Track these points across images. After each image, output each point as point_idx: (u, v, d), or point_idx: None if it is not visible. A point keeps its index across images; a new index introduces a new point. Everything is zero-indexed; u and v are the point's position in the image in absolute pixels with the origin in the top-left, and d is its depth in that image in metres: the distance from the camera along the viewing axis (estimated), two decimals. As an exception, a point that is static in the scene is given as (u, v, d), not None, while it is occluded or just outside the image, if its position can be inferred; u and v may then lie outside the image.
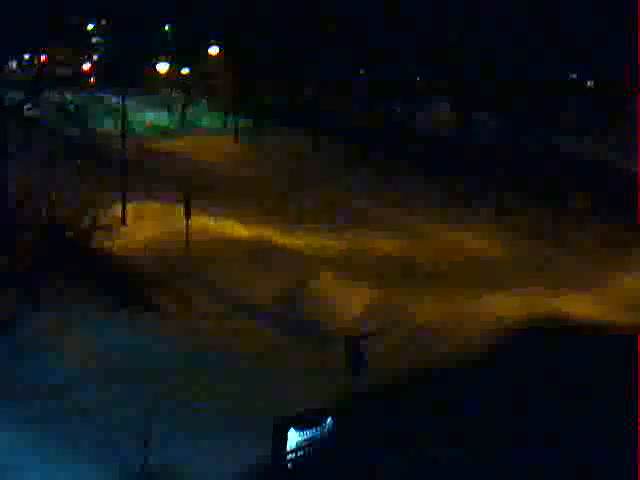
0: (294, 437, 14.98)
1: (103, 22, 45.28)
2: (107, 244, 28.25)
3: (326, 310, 24.89)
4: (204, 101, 68.51)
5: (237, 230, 33.57)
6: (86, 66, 38.60)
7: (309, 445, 14.06)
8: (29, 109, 31.24)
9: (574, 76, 41.29)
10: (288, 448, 14.23)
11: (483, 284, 28.31)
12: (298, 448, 14.15)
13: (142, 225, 32.16)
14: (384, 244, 32.75)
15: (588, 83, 42.32)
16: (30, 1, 31.54)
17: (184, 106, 66.76)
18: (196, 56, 58.42)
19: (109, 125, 34.57)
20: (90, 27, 44.89)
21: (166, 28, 67.77)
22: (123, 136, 34.49)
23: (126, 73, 40.80)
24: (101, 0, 46.99)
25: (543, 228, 35.94)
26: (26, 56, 38.68)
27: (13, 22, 30.85)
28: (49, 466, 15.13)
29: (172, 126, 61.01)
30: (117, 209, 32.37)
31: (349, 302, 25.51)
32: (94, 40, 43.16)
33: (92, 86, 36.40)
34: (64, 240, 25.20)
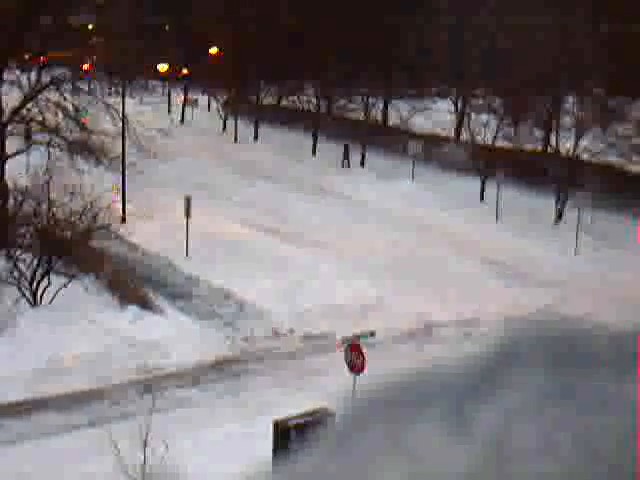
0: (294, 437, 14.99)
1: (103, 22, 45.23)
2: (107, 243, 28.28)
3: (327, 309, 24.89)
4: (204, 101, 68.61)
5: (237, 230, 33.59)
6: (86, 66, 38.57)
7: (309, 445, 14.05)
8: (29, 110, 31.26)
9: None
10: (289, 448, 14.26)
11: (483, 283, 28.33)
12: (298, 447, 14.15)
13: (142, 225, 32.18)
14: (384, 244, 32.75)
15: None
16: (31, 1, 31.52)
17: (184, 106, 66.84)
18: (196, 56, 58.42)
19: (109, 125, 34.55)
20: (90, 27, 44.88)
21: (166, 28, 67.83)
22: (123, 136, 34.51)
23: (126, 73, 40.75)
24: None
25: (543, 227, 35.95)
26: (26, 56, 38.61)
27: (14, 22, 30.84)
28: None
29: (172, 126, 60.98)
30: (117, 209, 32.33)
31: (350, 300, 25.49)
32: (94, 40, 43.14)
33: (91, 87, 36.38)
34: (64, 240, 25.20)
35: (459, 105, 52.20)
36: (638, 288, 26.75)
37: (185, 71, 63.91)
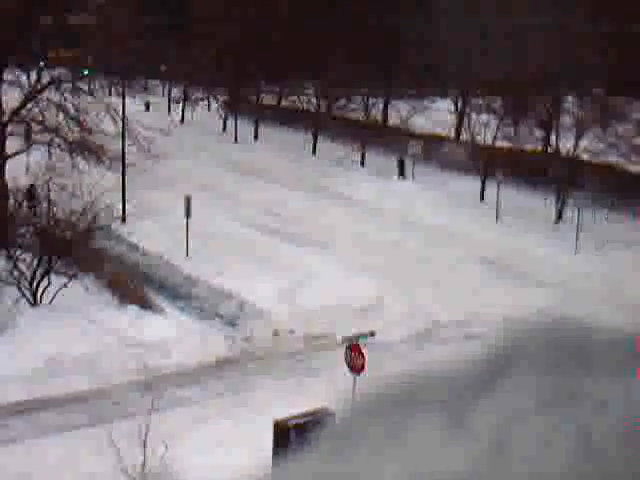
0: (294, 437, 15.00)
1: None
2: (107, 243, 28.30)
3: (327, 309, 24.87)
4: (204, 101, 68.57)
5: (237, 230, 33.59)
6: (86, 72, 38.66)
7: (309, 444, 14.05)
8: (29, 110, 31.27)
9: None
10: (289, 448, 14.26)
11: (483, 283, 28.34)
12: (298, 447, 14.15)
13: (142, 225, 32.17)
14: (384, 243, 32.77)
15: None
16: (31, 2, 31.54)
17: (184, 106, 66.81)
18: (196, 56, 58.37)
19: (109, 125, 34.57)
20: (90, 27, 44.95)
21: (167, 28, 67.69)
22: (123, 136, 34.51)
23: (126, 73, 40.75)
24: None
25: (543, 227, 35.95)
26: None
27: (14, 22, 30.85)
28: None
29: (172, 126, 60.94)
30: (117, 208, 32.33)
31: (350, 300, 25.47)
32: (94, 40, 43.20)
33: (91, 86, 36.43)
34: (64, 240, 25.20)
35: (459, 105, 52.20)
36: (638, 288, 26.74)
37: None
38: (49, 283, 24.20)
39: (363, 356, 18.61)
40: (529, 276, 29.56)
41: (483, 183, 41.12)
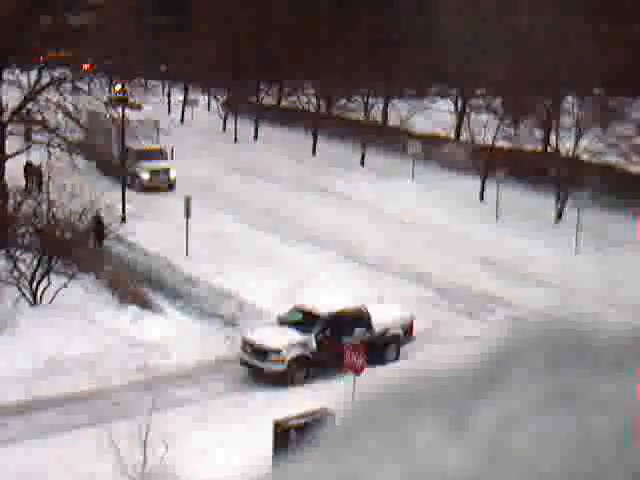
0: (294, 437, 15.00)
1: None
2: (107, 243, 28.30)
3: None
4: (204, 101, 68.63)
5: (237, 230, 33.59)
6: (86, 66, 38.63)
7: (309, 444, 14.04)
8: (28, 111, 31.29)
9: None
10: (289, 448, 14.27)
11: (483, 283, 28.33)
12: (298, 447, 14.14)
13: (142, 225, 32.17)
14: (384, 243, 32.75)
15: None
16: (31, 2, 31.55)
17: (184, 106, 66.81)
18: (196, 56, 58.38)
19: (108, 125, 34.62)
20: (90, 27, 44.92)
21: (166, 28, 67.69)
22: (122, 136, 34.52)
23: (125, 73, 40.80)
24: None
25: (543, 227, 35.93)
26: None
27: (14, 22, 30.86)
28: None
29: (172, 126, 60.93)
30: (117, 208, 32.35)
31: (350, 300, 25.44)
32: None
33: (91, 86, 36.43)
34: (64, 240, 25.20)
35: (459, 105, 52.18)
36: (638, 288, 26.73)
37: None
38: (49, 283, 24.21)
39: (363, 356, 18.60)
40: (529, 276, 29.55)
41: (483, 183, 41.10)
